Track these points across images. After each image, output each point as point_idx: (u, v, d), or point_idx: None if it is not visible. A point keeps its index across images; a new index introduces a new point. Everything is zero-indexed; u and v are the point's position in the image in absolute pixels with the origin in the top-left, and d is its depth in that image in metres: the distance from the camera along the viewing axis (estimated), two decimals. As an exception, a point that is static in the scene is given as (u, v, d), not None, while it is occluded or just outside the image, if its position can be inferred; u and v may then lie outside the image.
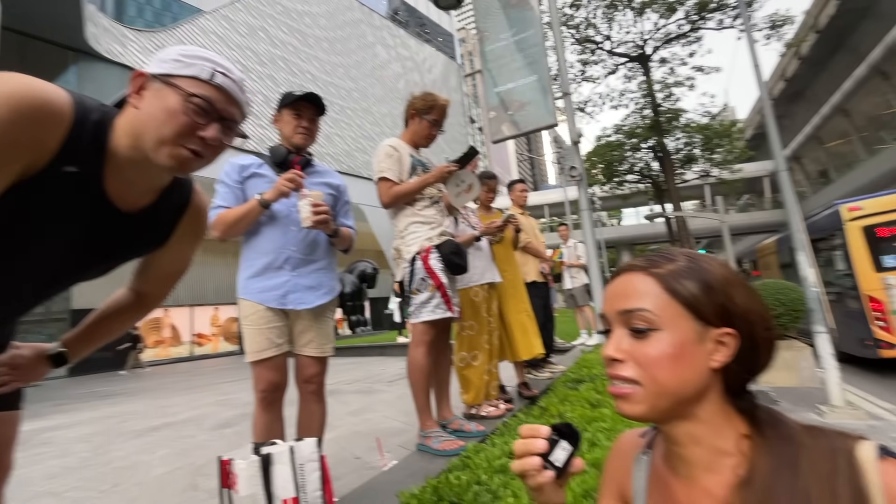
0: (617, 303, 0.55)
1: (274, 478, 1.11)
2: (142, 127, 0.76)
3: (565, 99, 6.35)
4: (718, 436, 0.52)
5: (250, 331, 1.69)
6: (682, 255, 0.56)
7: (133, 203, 0.85)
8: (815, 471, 0.45)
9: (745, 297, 0.53)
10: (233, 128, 0.83)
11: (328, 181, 1.88)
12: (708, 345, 0.51)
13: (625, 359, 0.53)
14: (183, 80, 0.76)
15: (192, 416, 4.26)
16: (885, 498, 0.42)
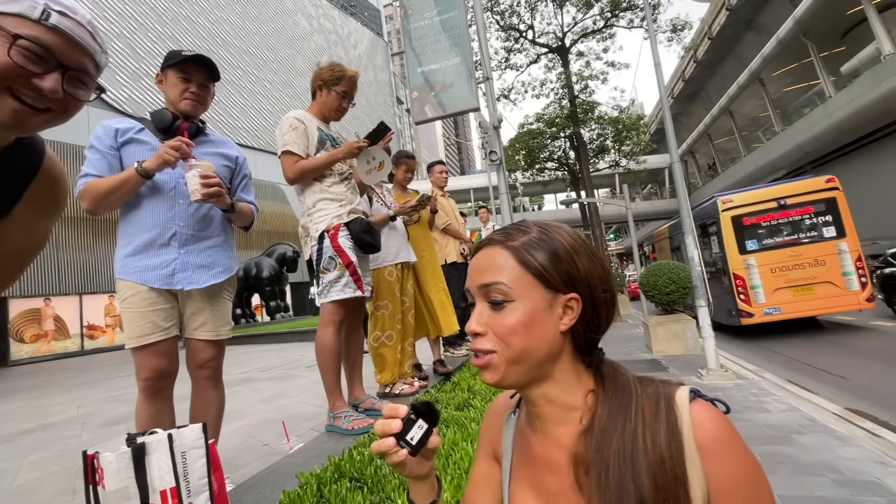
0: (477, 278, 0.58)
1: (150, 468, 1.02)
2: None
3: (487, 83, 6.45)
4: (568, 393, 0.57)
5: (131, 314, 1.53)
6: (535, 227, 0.59)
7: None
8: (642, 414, 0.51)
9: (588, 262, 0.57)
10: (85, 80, 0.72)
11: (223, 152, 1.73)
12: (557, 310, 0.55)
13: (485, 331, 0.56)
14: (5, 19, 0.64)
15: (76, 416, 3.81)
16: (693, 431, 0.48)
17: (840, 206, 7.59)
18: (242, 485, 1.56)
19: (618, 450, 0.50)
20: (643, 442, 0.49)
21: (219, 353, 1.68)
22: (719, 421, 0.49)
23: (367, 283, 2.15)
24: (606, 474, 0.49)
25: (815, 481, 2.60)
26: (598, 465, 0.50)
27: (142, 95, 16.30)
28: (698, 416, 0.49)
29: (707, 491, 0.47)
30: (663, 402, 0.51)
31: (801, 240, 7.67)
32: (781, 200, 7.83)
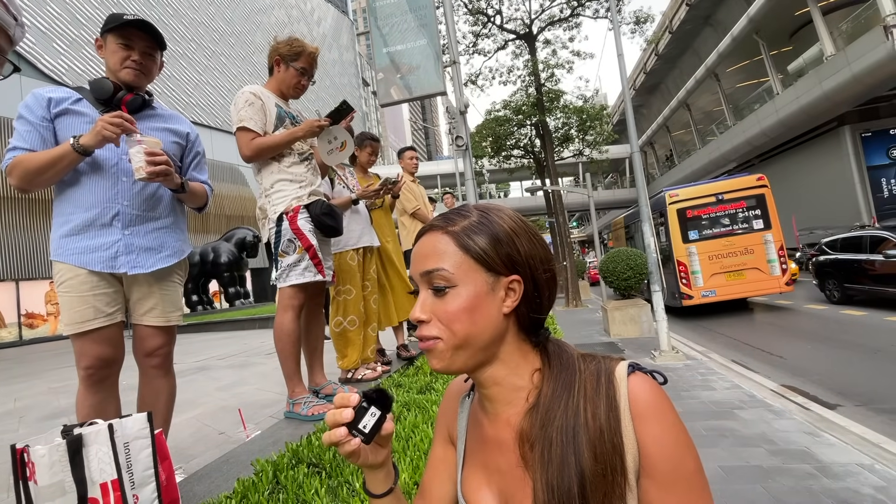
0: (420, 264, 0.58)
1: (88, 461, 0.96)
2: None
3: (453, 67, 6.37)
4: (515, 374, 0.57)
5: (69, 298, 1.42)
6: (476, 211, 0.59)
7: None
8: (584, 389, 0.52)
9: (528, 244, 0.57)
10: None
11: (173, 127, 1.62)
12: (499, 293, 0.55)
13: (429, 318, 0.56)
14: None
15: (13, 409, 3.57)
16: (630, 403, 0.50)
17: (768, 202, 8.54)
18: (194, 474, 1.51)
19: (560, 425, 0.51)
20: (584, 416, 0.50)
21: (169, 340, 1.60)
22: (653, 390, 0.51)
23: (328, 267, 2.10)
24: (549, 449, 0.50)
25: (752, 452, 2.80)
26: (541, 440, 0.51)
27: (83, 65, 15.09)
28: (635, 387, 0.51)
29: (638, 456, 0.49)
30: (604, 377, 0.53)
31: (735, 231, 8.61)
32: (719, 195, 8.77)
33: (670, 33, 23.05)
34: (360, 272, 2.65)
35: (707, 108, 24.63)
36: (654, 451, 0.48)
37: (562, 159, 18.37)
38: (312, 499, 1.09)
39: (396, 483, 0.65)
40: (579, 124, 17.31)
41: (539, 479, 0.50)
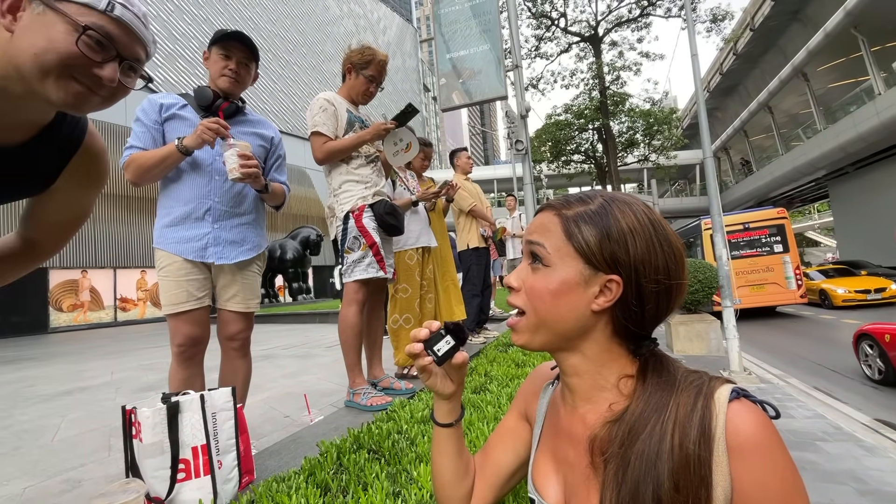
0: (528, 234, 0.59)
1: (182, 425, 1.09)
2: (17, 56, 0.65)
3: (515, 71, 6.36)
4: (598, 372, 0.56)
5: (167, 282, 1.60)
6: (599, 199, 0.56)
7: (6, 138, 0.75)
8: (675, 412, 0.48)
9: (646, 248, 0.53)
10: (136, 69, 0.74)
11: (260, 131, 1.78)
12: (593, 288, 0.53)
13: (519, 287, 0.57)
14: (73, 7, 0.65)
15: (110, 381, 4.01)
16: (727, 433, 0.45)
17: (787, 230, 10.54)
18: (266, 450, 1.63)
19: (642, 451, 0.47)
20: (670, 442, 0.46)
21: (248, 325, 1.75)
22: (757, 424, 0.45)
23: (389, 264, 2.18)
24: (625, 471, 0.47)
25: (838, 489, 2.53)
26: (617, 459, 0.49)
27: (176, 77, 16.70)
28: (736, 416, 0.46)
29: (731, 494, 0.44)
30: (701, 400, 0.48)
31: (759, 253, 10.56)
32: (746, 224, 10.72)
33: (751, 31, 21.44)
34: (417, 271, 2.73)
35: (792, 111, 22.58)
36: (753, 493, 0.44)
37: (625, 165, 17.67)
38: (373, 482, 1.14)
39: (460, 420, 0.70)
40: (646, 128, 16.58)
41: (609, 497, 0.48)
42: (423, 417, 1.68)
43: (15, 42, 0.66)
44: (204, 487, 1.08)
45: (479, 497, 0.73)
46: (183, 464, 1.07)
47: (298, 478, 1.21)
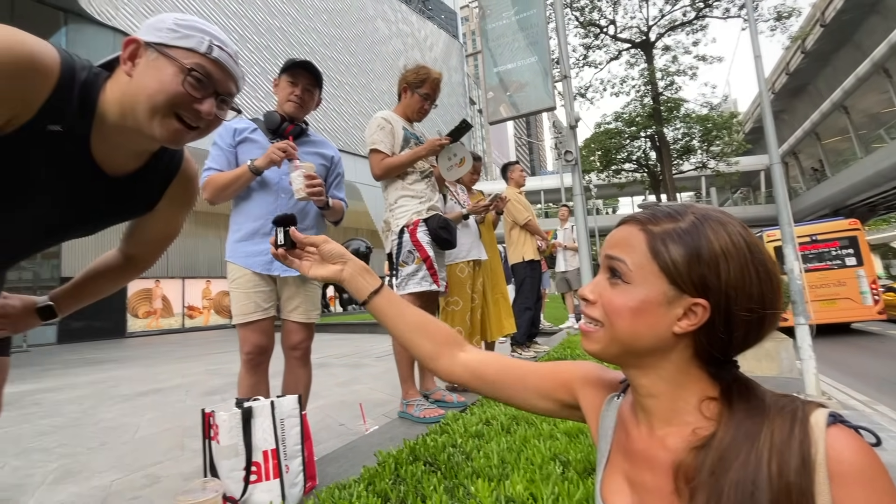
0: (607, 247, 0.57)
1: (254, 430, 1.15)
2: (134, 96, 0.75)
3: (564, 82, 6.30)
4: (677, 394, 0.53)
5: (237, 294, 1.72)
6: (690, 215, 0.53)
7: (120, 167, 0.85)
8: (771, 439, 0.46)
9: (740, 273, 0.50)
10: (228, 102, 0.83)
11: (322, 151, 1.89)
12: (676, 310, 0.51)
13: (596, 300, 0.56)
14: (179, 52, 0.75)
15: (181, 384, 4.31)
16: (827, 458, 0.43)
17: (860, 242, 9.84)
18: (325, 457, 1.69)
19: (737, 480, 0.45)
20: (768, 470, 0.44)
21: (309, 335, 1.83)
22: (861, 450, 0.43)
23: (441, 277, 2.22)
24: (718, 501, 0.45)
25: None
26: (709, 488, 0.46)
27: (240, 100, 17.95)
28: (836, 442, 0.43)
29: None
30: (798, 426, 0.45)
31: (830, 266, 9.88)
32: (814, 236, 10.05)
33: (822, 26, 19.96)
34: (468, 284, 2.74)
35: (872, 110, 20.65)
36: None
37: (681, 173, 16.88)
38: (430, 494, 1.16)
39: (377, 292, 0.77)
40: (703, 134, 15.80)
41: None
42: (477, 432, 1.68)
43: (132, 85, 0.76)
44: (273, 490, 1.13)
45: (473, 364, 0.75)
46: (255, 466, 1.13)
47: (359, 486, 1.25)
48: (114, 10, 14.98)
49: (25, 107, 0.69)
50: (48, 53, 0.70)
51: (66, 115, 0.73)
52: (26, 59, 0.67)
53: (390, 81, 26.42)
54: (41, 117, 0.71)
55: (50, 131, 0.73)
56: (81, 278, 1.04)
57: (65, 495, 1.76)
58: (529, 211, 4.03)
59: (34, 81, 0.69)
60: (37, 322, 1.01)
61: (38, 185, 0.79)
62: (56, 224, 0.90)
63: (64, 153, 0.77)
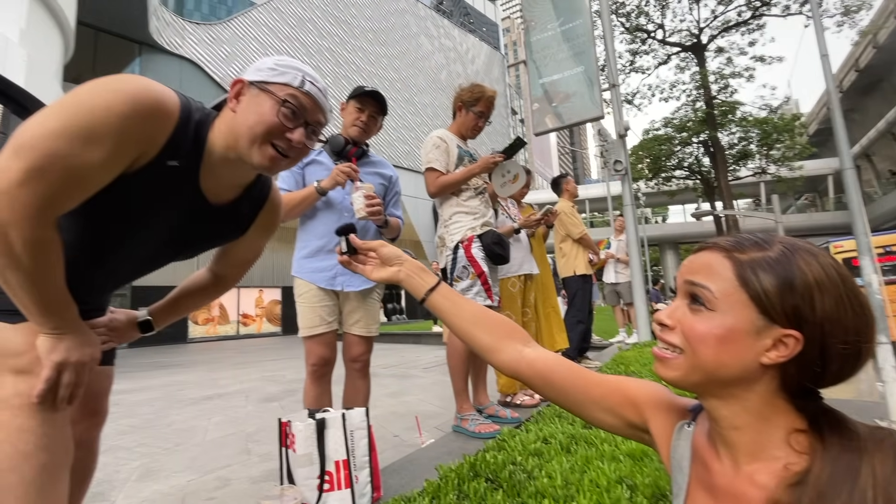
0: (687, 273, 0.56)
1: (327, 440, 1.21)
2: (237, 128, 0.84)
3: (612, 91, 6.19)
4: (763, 427, 0.52)
5: (303, 308, 1.81)
6: (779, 245, 0.52)
7: (221, 197, 0.94)
8: (874, 476, 0.44)
9: (834, 305, 0.48)
10: (317, 132, 0.91)
11: (381, 171, 1.97)
12: (765, 340, 0.50)
13: (675, 326, 0.55)
14: (276, 87, 0.84)
15: (240, 389, 4.54)
16: None
17: None
18: (385, 468, 1.73)
19: None
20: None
21: (369, 348, 1.90)
22: None
23: (495, 292, 2.23)
24: None
25: None
26: None
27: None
28: None
29: None
30: None
31: None
32: (887, 248, 9.41)
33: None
34: (520, 299, 2.73)
35: (960, 106, 18.75)
36: None
37: (737, 179, 15.99)
38: (496, 512, 1.16)
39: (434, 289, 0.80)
40: (762, 138, 14.92)
41: None
42: (536, 450, 1.66)
43: (236, 119, 0.85)
44: (345, 499, 1.18)
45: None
46: (328, 475, 1.19)
47: (423, 499, 1.27)
48: (180, 40, 16.29)
49: (152, 145, 0.79)
50: (170, 98, 0.80)
51: (183, 151, 0.83)
52: (154, 104, 0.77)
53: (432, 95, 26.93)
54: (163, 154, 0.81)
55: (169, 166, 0.83)
56: (175, 295, 1.15)
57: (148, 492, 1.91)
58: (583, 225, 3.97)
59: (160, 123, 0.78)
60: (137, 334, 1.12)
61: (154, 214, 0.89)
62: (165, 249, 1.00)
63: (178, 186, 0.86)
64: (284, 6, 20.20)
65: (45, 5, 6.32)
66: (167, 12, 16.16)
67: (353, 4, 23.59)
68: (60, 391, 0.81)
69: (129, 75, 0.77)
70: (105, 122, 0.72)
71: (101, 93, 0.73)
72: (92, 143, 0.72)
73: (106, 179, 0.78)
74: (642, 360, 3.51)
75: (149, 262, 1.03)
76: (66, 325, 0.83)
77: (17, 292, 0.77)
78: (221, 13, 18.47)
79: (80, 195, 0.77)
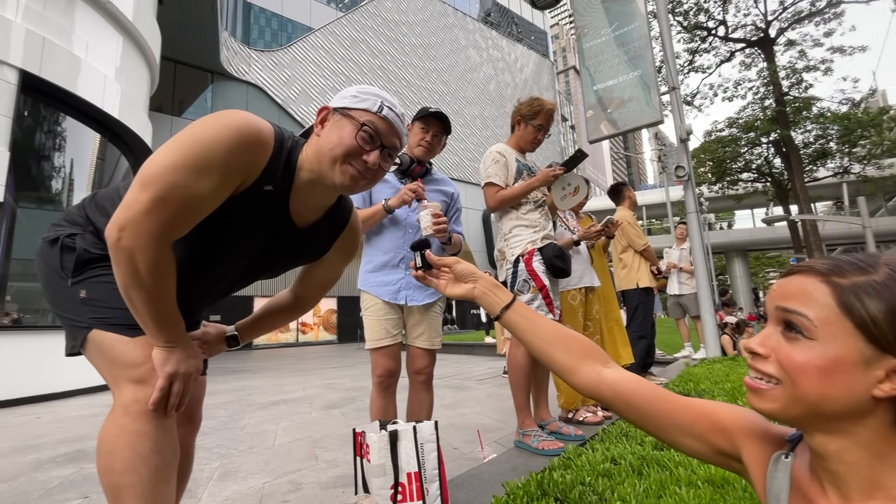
0: (779, 298, 0.53)
1: (400, 452, 1.25)
2: (321, 151, 0.91)
3: (672, 94, 5.94)
4: (877, 465, 0.48)
5: (370, 321, 1.88)
6: (886, 268, 0.49)
7: (306, 219, 1.02)
8: None
9: None
10: (392, 155, 0.97)
11: (443, 189, 2.02)
12: (877, 371, 0.47)
13: (768, 355, 0.52)
14: (357, 112, 0.91)
15: (304, 396, 4.75)
16: None
17: None
18: (450, 482, 1.74)
19: None
20: None
21: (432, 361, 1.93)
22: None
23: (556, 306, 2.20)
24: None
25: None
26: None
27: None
28: None
29: None
30: None
31: None
32: None
33: None
34: (581, 312, 2.67)
35: None
36: None
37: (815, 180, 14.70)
38: (569, 534, 1.14)
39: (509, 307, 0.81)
40: (843, 135, 13.66)
41: None
42: (605, 471, 1.61)
43: (320, 142, 0.92)
44: (417, 511, 1.21)
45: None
46: (401, 487, 1.22)
47: (492, 516, 1.27)
48: (246, 67, 17.58)
49: (253, 172, 0.88)
50: (266, 129, 0.88)
51: (277, 176, 0.91)
52: (254, 135, 0.85)
53: (481, 106, 27.11)
54: (260, 180, 0.90)
55: (265, 191, 0.91)
56: (260, 313, 1.24)
57: (229, 492, 2.04)
58: (644, 238, 3.83)
59: (259, 152, 0.87)
60: (225, 347, 1.22)
61: (247, 235, 0.97)
62: (254, 268, 1.09)
63: (271, 208, 0.95)
64: (339, 29, 21.26)
65: (136, 44, 7.08)
66: (235, 42, 17.54)
67: (404, 23, 24.40)
68: (171, 399, 0.91)
69: (233, 111, 0.86)
70: (214, 155, 0.81)
71: (211, 128, 0.82)
72: (204, 174, 0.81)
73: (215, 205, 0.87)
74: (713, 378, 3.30)
75: (240, 280, 1.13)
76: (176, 338, 0.92)
77: (139, 308, 0.87)
78: (283, 40, 19.74)
79: (194, 220, 0.86)
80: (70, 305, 0.95)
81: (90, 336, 0.92)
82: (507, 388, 4.69)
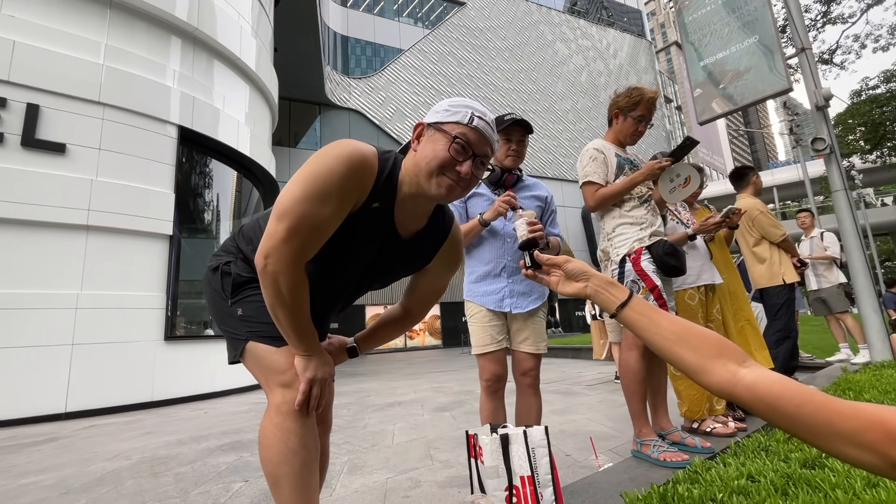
0: None
1: (511, 455, 1.28)
2: (417, 165, 1.00)
3: (802, 55, 5.13)
4: None
5: (475, 328, 1.95)
6: None
7: (409, 229, 1.11)
8: None
9: None
10: (485, 163, 1.02)
11: (536, 194, 2.02)
12: None
13: None
14: (449, 126, 0.98)
15: (415, 398, 5.01)
16: None
17: None
18: (564, 489, 1.72)
19: None
20: None
21: (537, 364, 1.93)
22: None
23: (671, 307, 2.05)
24: None
25: None
26: None
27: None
28: None
29: None
30: None
31: None
32: None
33: None
34: (700, 312, 2.44)
35: None
36: None
37: None
38: (700, 553, 1.06)
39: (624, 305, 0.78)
40: None
41: None
42: (741, 488, 1.46)
43: (417, 157, 1.01)
44: (533, 515, 1.23)
45: None
46: (515, 490, 1.25)
47: (612, 527, 1.23)
48: (347, 95, 19.18)
49: (363, 194, 0.99)
50: (370, 152, 0.99)
51: (382, 194, 1.01)
52: (361, 161, 0.96)
53: (573, 99, 26.10)
54: (369, 199, 1.00)
55: (373, 208, 1.01)
56: (375, 326, 1.36)
57: (358, 485, 2.25)
58: (780, 227, 3.36)
59: (367, 174, 0.98)
60: (346, 358, 1.36)
61: (359, 249, 1.09)
62: (365, 280, 1.21)
63: (379, 223, 1.05)
64: (427, 45, 22.17)
65: (259, 90, 8.18)
66: (336, 74, 19.27)
67: (488, 28, 24.57)
68: (311, 401, 1.05)
69: (340, 141, 0.98)
70: (332, 184, 0.93)
71: (325, 161, 0.94)
72: (325, 202, 0.93)
73: (335, 227, 1.00)
74: (881, 386, 2.76)
75: (354, 292, 1.26)
76: (312, 348, 1.07)
77: (283, 323, 1.02)
78: (377, 65, 21.20)
79: (321, 242, 1.00)
80: (231, 321, 1.15)
81: (247, 347, 1.11)
82: (619, 394, 4.44)
